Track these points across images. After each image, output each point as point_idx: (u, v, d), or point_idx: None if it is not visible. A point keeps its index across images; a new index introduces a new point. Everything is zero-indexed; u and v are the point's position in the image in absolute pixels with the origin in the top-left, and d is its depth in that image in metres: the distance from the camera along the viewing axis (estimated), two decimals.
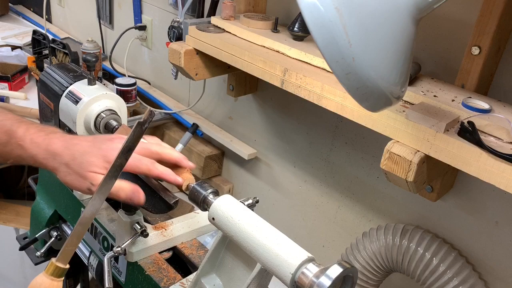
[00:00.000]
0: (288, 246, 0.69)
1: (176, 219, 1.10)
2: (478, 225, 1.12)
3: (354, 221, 1.42)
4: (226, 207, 0.76)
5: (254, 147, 1.67)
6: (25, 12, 2.94)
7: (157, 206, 0.92)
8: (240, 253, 0.80)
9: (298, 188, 1.57)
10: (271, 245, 0.69)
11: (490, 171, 0.81)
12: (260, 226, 0.73)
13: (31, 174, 1.45)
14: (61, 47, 1.91)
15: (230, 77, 1.53)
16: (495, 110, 0.92)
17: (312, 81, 1.06)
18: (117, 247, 0.95)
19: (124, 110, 1.16)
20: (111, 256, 0.94)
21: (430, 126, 0.87)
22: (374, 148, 1.30)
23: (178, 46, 1.35)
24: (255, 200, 0.83)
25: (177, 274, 1.03)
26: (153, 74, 2.10)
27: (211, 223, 0.78)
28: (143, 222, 1.00)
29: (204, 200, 0.81)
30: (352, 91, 0.61)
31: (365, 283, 1.23)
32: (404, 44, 0.62)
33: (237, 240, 0.73)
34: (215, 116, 1.81)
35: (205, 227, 1.10)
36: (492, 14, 0.91)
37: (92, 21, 2.37)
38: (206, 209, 0.80)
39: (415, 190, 0.95)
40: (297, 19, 1.22)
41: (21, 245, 1.30)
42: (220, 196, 0.80)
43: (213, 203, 0.78)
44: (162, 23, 1.94)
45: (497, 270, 1.11)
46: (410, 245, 1.15)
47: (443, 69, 1.10)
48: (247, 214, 0.75)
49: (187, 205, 1.85)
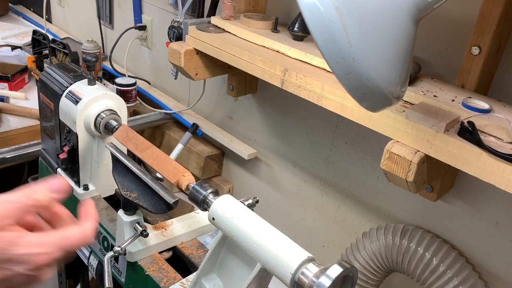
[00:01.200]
0: (288, 246, 0.69)
1: (176, 219, 1.10)
2: (478, 225, 1.12)
3: (354, 221, 1.42)
4: (226, 207, 0.76)
5: (254, 147, 1.67)
6: (25, 12, 2.94)
7: (157, 206, 0.92)
8: (240, 253, 0.80)
9: (298, 188, 1.57)
10: (271, 245, 0.69)
11: (490, 171, 0.81)
12: (260, 226, 0.73)
13: (31, 174, 1.45)
14: (61, 47, 1.91)
15: (230, 77, 1.53)
16: (495, 110, 0.92)
17: (312, 81, 1.06)
18: (117, 247, 0.95)
19: (124, 110, 1.16)
20: (111, 256, 0.94)
21: (430, 126, 0.87)
22: (374, 148, 1.30)
23: (178, 46, 1.35)
24: (255, 200, 0.83)
25: (177, 274, 1.03)
26: (153, 74, 2.10)
27: (211, 223, 0.78)
28: (143, 222, 1.00)
29: (204, 200, 0.81)
30: (352, 91, 0.61)
31: (365, 283, 1.23)
32: (404, 44, 0.62)
33: (237, 240, 0.73)
34: (215, 116, 1.81)
35: (205, 227, 1.10)
36: (492, 14, 0.91)
37: (92, 21, 2.37)
38: (206, 209, 0.80)
39: (415, 190, 0.95)
40: (297, 19, 1.22)
41: None
42: (220, 196, 0.80)
43: (213, 203, 0.78)
44: (162, 23, 1.94)
45: (497, 270, 1.11)
46: (410, 245, 1.15)
47: (443, 69, 1.10)
48: (247, 214, 0.75)
49: (187, 205, 1.85)
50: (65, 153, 1.15)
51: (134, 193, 0.96)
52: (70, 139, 1.15)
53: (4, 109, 1.77)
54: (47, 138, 1.27)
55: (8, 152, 1.53)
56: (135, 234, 0.97)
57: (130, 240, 0.96)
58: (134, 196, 0.95)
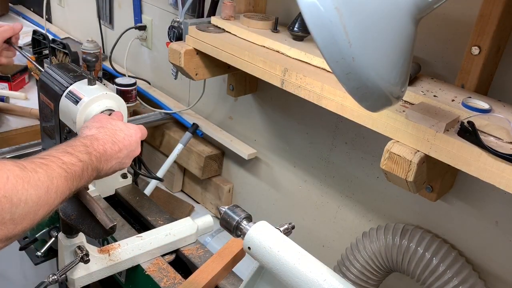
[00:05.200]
0: (335, 281, 0.65)
1: (125, 241, 1.04)
2: (478, 225, 1.12)
3: (354, 221, 1.42)
4: (263, 236, 0.72)
5: (254, 147, 1.67)
6: (25, 12, 2.94)
7: (95, 230, 0.86)
8: (277, 285, 0.74)
9: (298, 188, 1.57)
10: (317, 280, 0.65)
11: (490, 171, 0.81)
12: (303, 258, 0.68)
13: None
14: (61, 47, 1.90)
15: (230, 77, 1.53)
16: (495, 110, 0.92)
17: (312, 81, 1.06)
18: (53, 275, 0.87)
19: (124, 110, 1.16)
20: (47, 285, 0.87)
21: (430, 126, 0.87)
22: (374, 148, 1.30)
23: (178, 46, 1.35)
24: (291, 226, 0.79)
25: (177, 274, 1.04)
26: (153, 74, 2.10)
27: (247, 253, 0.74)
28: (85, 245, 0.93)
29: (237, 227, 0.76)
30: (352, 91, 0.61)
31: (365, 283, 1.23)
32: (404, 44, 0.62)
33: (277, 272, 0.69)
34: (215, 116, 1.81)
35: (155, 249, 1.06)
36: (492, 14, 0.91)
37: (92, 21, 2.37)
38: (240, 236, 0.75)
39: (415, 190, 0.95)
40: (297, 19, 1.22)
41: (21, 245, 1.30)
42: (256, 224, 0.75)
43: (248, 230, 0.73)
44: (162, 23, 1.94)
45: (497, 270, 1.11)
46: (410, 245, 1.15)
47: (443, 69, 1.10)
48: (287, 244, 0.70)
49: (187, 205, 1.85)
50: None
51: (74, 214, 0.88)
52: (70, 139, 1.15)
53: (4, 109, 1.77)
54: (47, 138, 1.27)
55: (8, 152, 1.53)
56: (75, 260, 0.90)
57: (68, 267, 0.89)
58: (73, 218, 0.87)
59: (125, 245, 1.03)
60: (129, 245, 1.03)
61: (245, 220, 0.76)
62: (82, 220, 0.87)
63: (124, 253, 1.01)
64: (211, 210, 1.83)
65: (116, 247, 1.02)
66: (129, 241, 1.04)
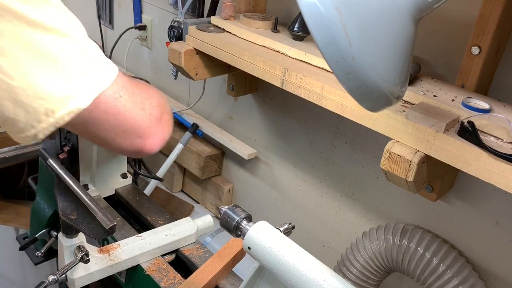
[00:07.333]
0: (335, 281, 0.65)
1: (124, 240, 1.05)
2: (478, 225, 1.12)
3: (354, 221, 1.42)
4: (263, 236, 0.72)
5: (254, 147, 1.67)
6: None
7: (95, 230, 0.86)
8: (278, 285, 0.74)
9: (298, 188, 1.57)
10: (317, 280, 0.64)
11: (490, 171, 0.81)
12: (303, 258, 0.68)
13: (31, 174, 1.45)
14: None
15: (230, 77, 1.53)
16: (495, 110, 0.92)
17: (312, 81, 1.06)
18: (53, 275, 0.87)
19: None
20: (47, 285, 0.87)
21: (430, 126, 0.87)
22: (374, 148, 1.30)
23: (178, 46, 1.35)
24: (291, 226, 0.79)
25: (177, 274, 1.04)
26: (153, 74, 2.10)
27: (247, 252, 0.74)
28: (85, 245, 0.93)
29: (237, 227, 0.76)
30: (352, 91, 0.61)
31: (365, 283, 1.23)
32: (404, 44, 0.62)
33: (277, 272, 0.69)
34: (215, 116, 1.81)
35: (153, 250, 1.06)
36: (492, 14, 0.91)
37: (92, 21, 2.37)
38: (240, 236, 0.76)
39: (415, 190, 0.95)
40: (297, 19, 1.22)
41: (21, 245, 1.30)
42: (256, 224, 0.75)
43: (248, 230, 0.73)
44: (162, 23, 1.94)
45: (497, 269, 1.11)
46: (410, 245, 1.15)
47: (443, 69, 1.10)
48: (287, 244, 0.70)
49: (187, 205, 1.85)
50: (65, 153, 1.15)
51: (74, 214, 0.88)
52: (70, 139, 1.15)
53: None
54: (47, 138, 1.27)
55: (8, 152, 1.53)
56: (75, 260, 0.90)
57: (67, 266, 0.89)
58: (73, 218, 0.88)
59: (125, 245, 1.03)
60: (129, 245, 1.03)
61: (245, 220, 0.76)
62: (82, 220, 0.87)
63: (124, 253, 1.01)
64: (211, 210, 1.83)
65: (116, 247, 1.02)
66: (129, 241, 1.04)
